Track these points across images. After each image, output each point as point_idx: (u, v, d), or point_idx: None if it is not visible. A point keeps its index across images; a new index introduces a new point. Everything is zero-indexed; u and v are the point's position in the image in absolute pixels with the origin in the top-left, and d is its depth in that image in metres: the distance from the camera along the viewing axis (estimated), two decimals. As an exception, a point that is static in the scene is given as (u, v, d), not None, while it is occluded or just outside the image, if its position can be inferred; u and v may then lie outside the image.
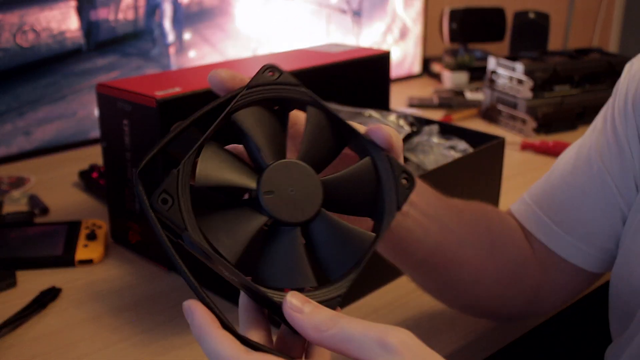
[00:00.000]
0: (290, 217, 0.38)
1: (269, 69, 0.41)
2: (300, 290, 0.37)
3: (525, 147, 1.19)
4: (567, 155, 0.64)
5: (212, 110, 0.39)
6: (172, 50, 1.27)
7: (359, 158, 0.42)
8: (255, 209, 0.38)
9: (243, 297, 0.39)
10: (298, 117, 0.43)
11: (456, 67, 1.57)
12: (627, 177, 0.58)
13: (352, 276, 0.39)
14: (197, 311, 0.35)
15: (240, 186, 0.38)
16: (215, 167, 0.37)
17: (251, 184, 0.38)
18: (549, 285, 0.64)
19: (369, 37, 1.59)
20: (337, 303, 0.38)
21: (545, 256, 0.62)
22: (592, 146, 0.61)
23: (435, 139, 0.89)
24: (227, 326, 0.36)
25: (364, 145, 0.41)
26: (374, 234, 0.40)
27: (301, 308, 0.36)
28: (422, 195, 0.53)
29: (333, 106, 0.88)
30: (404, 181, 0.41)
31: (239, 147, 0.42)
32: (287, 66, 0.87)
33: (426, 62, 1.72)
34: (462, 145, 0.88)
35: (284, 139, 0.40)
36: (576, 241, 0.61)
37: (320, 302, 0.37)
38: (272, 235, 0.38)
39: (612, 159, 0.58)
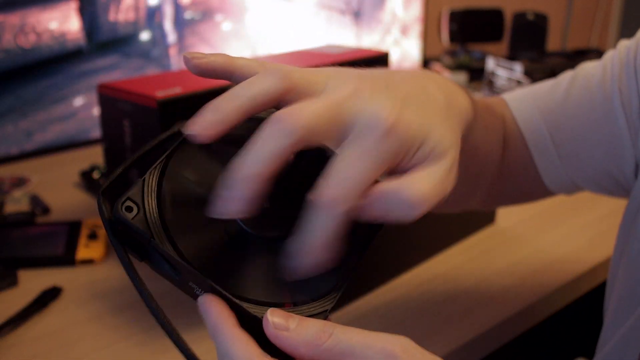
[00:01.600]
0: (265, 231, 0.35)
1: None
2: (280, 306, 0.34)
3: (524, 147, 1.19)
4: (586, 80, 0.60)
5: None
6: (172, 50, 1.27)
7: None
8: (232, 222, 0.35)
9: None
10: None
11: (455, 68, 1.58)
12: None
13: (337, 292, 0.35)
14: (211, 308, 0.33)
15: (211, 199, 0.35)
16: (184, 183, 0.35)
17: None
18: (501, 191, 0.64)
19: (368, 37, 1.59)
20: (323, 319, 0.34)
21: (520, 164, 0.62)
22: (615, 86, 0.57)
23: (435, 140, 0.89)
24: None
25: None
26: (360, 246, 0.37)
27: (285, 325, 0.32)
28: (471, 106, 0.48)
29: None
30: None
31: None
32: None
33: (425, 63, 1.72)
34: (461, 145, 0.88)
35: None
36: (562, 167, 0.60)
37: None
38: (245, 247, 0.35)
39: (632, 107, 0.56)
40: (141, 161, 0.37)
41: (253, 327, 0.33)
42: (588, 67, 0.62)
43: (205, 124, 0.34)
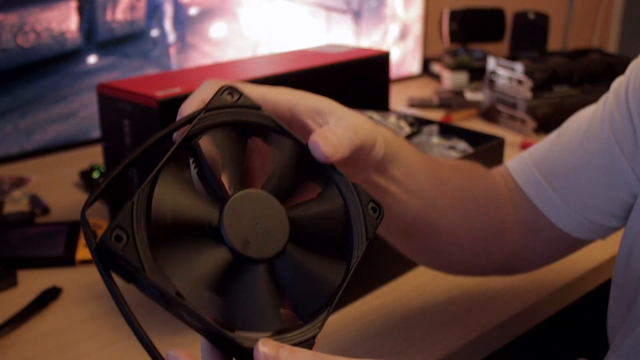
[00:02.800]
0: (256, 253, 0.34)
1: (227, 90, 0.39)
2: (275, 332, 0.34)
3: (525, 147, 1.19)
4: (577, 123, 0.63)
5: (168, 135, 0.37)
6: (172, 50, 1.27)
7: (323, 184, 0.40)
8: (218, 242, 0.34)
9: (206, 347, 0.35)
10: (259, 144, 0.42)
11: (456, 68, 1.58)
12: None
13: (324, 315, 0.36)
14: None
15: (202, 222, 0.35)
16: (172, 203, 0.34)
17: (213, 217, 0.35)
18: (526, 249, 0.64)
19: (368, 37, 1.59)
20: (311, 345, 0.35)
21: (531, 217, 0.62)
22: (605, 120, 0.59)
23: (435, 139, 0.89)
24: None
25: (329, 173, 0.39)
26: (343, 269, 0.37)
27: (276, 356, 0.32)
28: (408, 169, 0.52)
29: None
30: (371, 211, 0.39)
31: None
32: (286, 67, 0.88)
33: (426, 63, 1.72)
34: (462, 145, 0.88)
35: (245, 166, 0.38)
36: (570, 209, 0.60)
37: (294, 345, 0.34)
38: (235, 272, 0.34)
39: (627, 137, 0.57)
40: (140, 160, 0.36)
41: (244, 358, 0.33)
42: (579, 113, 0.64)
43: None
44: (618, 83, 0.61)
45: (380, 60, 1.00)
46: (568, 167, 0.61)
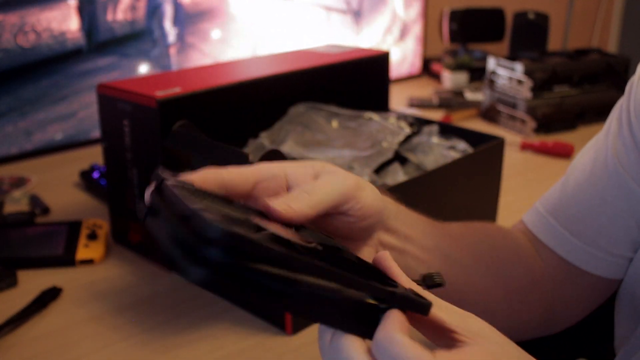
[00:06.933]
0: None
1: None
2: None
3: (524, 147, 1.19)
4: (582, 161, 0.61)
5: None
6: (172, 50, 1.27)
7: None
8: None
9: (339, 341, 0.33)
10: None
11: (456, 68, 1.58)
12: None
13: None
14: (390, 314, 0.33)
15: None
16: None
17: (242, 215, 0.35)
18: (564, 300, 0.62)
19: (368, 37, 1.59)
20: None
21: (561, 269, 0.60)
22: (609, 150, 0.57)
23: (435, 139, 0.89)
24: None
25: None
26: None
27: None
28: (417, 227, 0.51)
29: (333, 109, 0.88)
30: None
31: None
32: (286, 67, 0.88)
33: (426, 63, 1.72)
34: (462, 145, 0.88)
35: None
36: (596, 251, 0.58)
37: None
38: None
39: (632, 162, 0.56)
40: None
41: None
42: (581, 152, 0.63)
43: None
44: (619, 108, 0.59)
45: (380, 60, 1.00)
46: (583, 208, 0.59)
